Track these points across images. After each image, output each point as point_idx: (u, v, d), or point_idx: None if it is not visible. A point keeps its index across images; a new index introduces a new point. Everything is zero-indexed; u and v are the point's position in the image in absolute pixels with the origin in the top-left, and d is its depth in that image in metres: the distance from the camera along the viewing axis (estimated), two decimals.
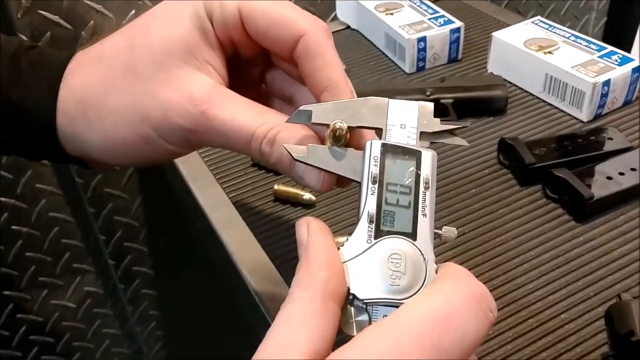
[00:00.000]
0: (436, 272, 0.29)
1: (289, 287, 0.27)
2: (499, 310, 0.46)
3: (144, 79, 0.37)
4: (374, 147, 0.31)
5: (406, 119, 0.32)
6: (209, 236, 0.58)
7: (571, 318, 0.45)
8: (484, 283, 0.47)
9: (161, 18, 0.38)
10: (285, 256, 0.51)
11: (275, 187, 0.57)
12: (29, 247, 0.88)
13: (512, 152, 0.57)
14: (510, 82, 0.70)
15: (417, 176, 0.31)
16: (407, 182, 0.31)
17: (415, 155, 0.31)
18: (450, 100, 0.65)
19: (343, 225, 0.54)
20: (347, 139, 0.33)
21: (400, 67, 0.75)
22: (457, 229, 0.52)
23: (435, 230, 0.31)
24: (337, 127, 0.32)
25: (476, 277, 0.48)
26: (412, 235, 0.29)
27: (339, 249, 0.30)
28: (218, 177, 0.61)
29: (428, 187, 0.30)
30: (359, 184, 0.31)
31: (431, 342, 0.24)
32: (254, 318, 0.51)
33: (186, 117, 0.36)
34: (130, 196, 0.90)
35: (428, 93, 0.65)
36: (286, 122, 0.34)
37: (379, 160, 0.31)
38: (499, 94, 0.65)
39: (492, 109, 0.66)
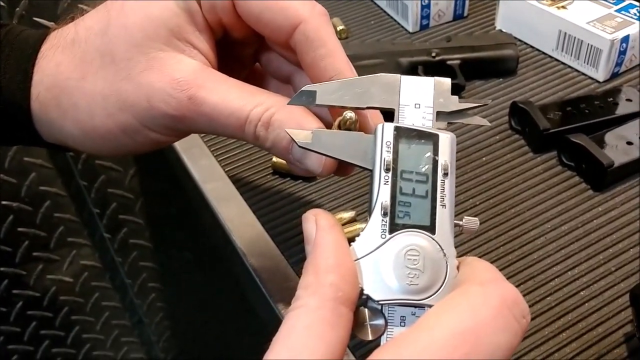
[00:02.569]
0: (457, 268, 0.26)
1: (287, 261, 0.25)
2: (517, 287, 0.43)
3: (121, 64, 0.34)
4: (386, 131, 0.28)
5: (421, 97, 0.29)
6: (205, 210, 0.55)
7: (592, 295, 0.42)
8: (498, 259, 0.45)
9: (146, 5, 0.34)
10: (286, 234, 0.49)
11: (274, 159, 0.54)
12: (21, 222, 0.85)
13: (525, 116, 0.54)
14: (520, 40, 0.66)
15: (435, 162, 0.28)
16: (423, 170, 0.28)
17: (432, 139, 0.28)
18: (457, 62, 0.61)
19: (346, 200, 0.51)
20: (357, 128, 0.30)
21: (402, 26, 0.70)
22: (468, 200, 0.49)
23: (455, 221, 0.28)
24: (347, 117, 0.30)
25: (489, 252, 0.46)
26: (431, 228, 0.27)
27: (350, 243, 0.27)
28: (213, 150, 0.57)
29: (447, 174, 0.28)
30: (370, 171, 0.28)
31: (461, 356, 0.22)
32: (252, 291, 0.49)
33: (171, 102, 0.33)
34: (123, 167, 0.86)
35: (433, 54, 0.61)
36: (288, 104, 0.32)
37: (392, 146, 0.28)
38: (509, 54, 0.61)
39: (502, 70, 0.62)
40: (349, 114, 0.30)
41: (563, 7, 0.62)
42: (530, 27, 0.65)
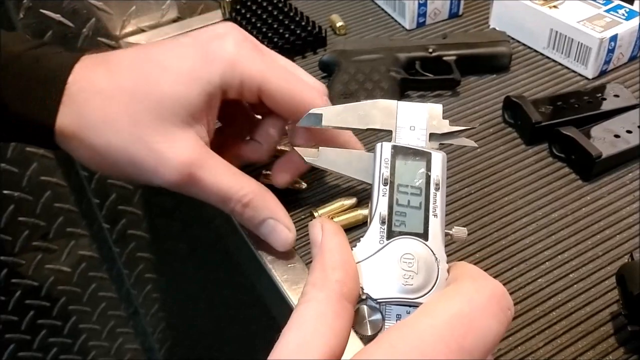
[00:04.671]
0: (448, 271, 0.29)
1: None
2: (508, 270, 0.46)
3: (142, 128, 0.40)
4: (384, 149, 0.32)
5: (415, 120, 0.33)
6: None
7: (580, 277, 0.45)
8: (493, 243, 0.47)
9: (174, 75, 0.41)
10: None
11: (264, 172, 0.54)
12: (22, 211, 0.87)
13: (518, 110, 0.56)
14: (512, 38, 0.68)
15: (428, 177, 0.31)
16: (417, 184, 0.31)
17: (425, 156, 0.31)
18: (453, 57, 0.63)
19: (348, 187, 0.53)
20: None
21: (399, 23, 0.73)
22: (463, 189, 0.52)
23: (446, 231, 0.31)
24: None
25: (484, 237, 0.48)
26: (424, 235, 0.30)
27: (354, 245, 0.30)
28: None
29: (438, 188, 0.31)
30: (370, 185, 0.32)
31: (456, 342, 0.25)
32: (255, 272, 0.50)
33: (174, 175, 0.40)
34: None
35: (430, 50, 0.64)
36: (298, 125, 0.38)
37: (389, 162, 0.31)
38: (503, 51, 0.64)
39: (496, 66, 0.64)
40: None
41: (554, 6, 0.65)
42: (523, 26, 0.67)
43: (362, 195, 0.51)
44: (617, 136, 0.53)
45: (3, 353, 0.99)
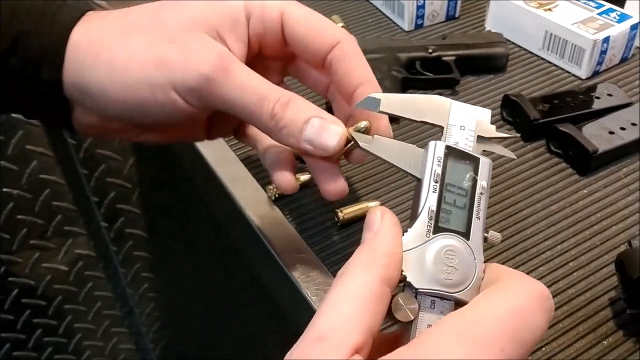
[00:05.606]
0: (483, 271, 0.31)
1: (300, 235, 0.28)
2: (510, 260, 0.47)
3: (167, 33, 0.37)
4: (438, 147, 0.33)
5: (465, 121, 0.34)
6: (214, 193, 0.58)
7: (579, 265, 0.47)
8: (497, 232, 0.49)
9: (196, 4, 0.39)
10: (297, 211, 0.52)
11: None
12: (20, 209, 0.87)
13: (517, 108, 0.58)
14: (508, 40, 0.70)
15: (475, 181, 0.32)
16: (465, 186, 0.32)
17: (474, 161, 0.33)
18: (453, 58, 0.65)
19: (366, 191, 0.54)
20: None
21: (398, 25, 0.75)
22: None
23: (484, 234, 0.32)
24: (362, 126, 0.36)
25: (489, 226, 0.50)
26: (466, 235, 0.31)
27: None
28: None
29: (483, 193, 0.32)
30: (417, 179, 0.33)
31: (514, 332, 0.27)
32: (264, 264, 0.51)
33: (207, 65, 0.36)
34: (123, 157, 0.89)
35: (430, 50, 0.66)
36: (354, 106, 0.37)
37: (442, 161, 0.32)
38: (501, 51, 0.66)
39: (493, 67, 0.66)
40: (364, 123, 0.36)
41: (549, 9, 0.67)
42: (518, 28, 0.69)
43: (385, 198, 0.53)
44: (611, 133, 0.55)
45: None
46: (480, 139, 0.34)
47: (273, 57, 0.42)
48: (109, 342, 1.12)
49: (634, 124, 0.56)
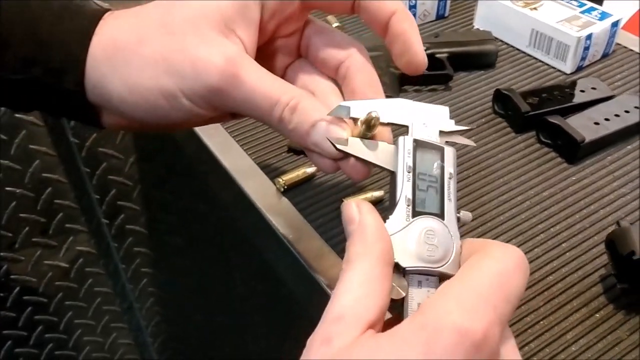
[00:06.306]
0: (460, 247, 0.34)
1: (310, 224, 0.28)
2: (507, 242, 0.51)
3: (177, 36, 0.38)
4: (407, 141, 0.36)
5: (427, 118, 0.38)
6: (224, 184, 0.60)
7: (571, 246, 0.51)
8: (492, 219, 0.53)
9: None
10: (305, 201, 0.55)
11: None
12: (23, 208, 0.89)
13: (508, 101, 0.62)
14: (496, 38, 0.74)
15: (442, 168, 0.36)
16: (434, 173, 0.36)
17: (440, 150, 0.37)
18: (446, 55, 0.69)
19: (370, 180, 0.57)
20: (377, 128, 0.37)
21: None
22: (461, 173, 0.57)
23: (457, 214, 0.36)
24: (373, 115, 0.37)
25: (484, 214, 0.53)
26: (441, 215, 0.35)
27: (385, 221, 0.34)
28: (230, 131, 0.63)
29: (451, 178, 0.36)
30: (391, 172, 0.36)
31: (501, 292, 0.30)
32: (275, 252, 0.54)
33: (215, 74, 0.37)
34: (124, 155, 0.91)
35: (424, 48, 0.69)
36: (328, 114, 0.38)
37: (412, 153, 0.36)
38: (491, 48, 0.70)
39: (484, 63, 0.70)
40: (375, 113, 0.37)
41: (534, 8, 0.71)
42: (506, 26, 0.73)
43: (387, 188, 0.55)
44: (596, 123, 0.59)
45: (0, 350, 1.00)
46: (442, 133, 0.38)
47: (288, 35, 0.43)
48: (108, 338, 1.14)
49: (617, 115, 0.60)
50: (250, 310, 1.05)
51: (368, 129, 0.37)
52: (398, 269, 0.33)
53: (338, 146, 0.37)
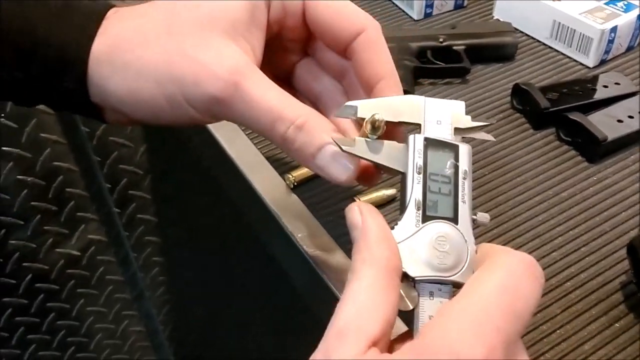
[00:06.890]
0: (475, 252, 0.32)
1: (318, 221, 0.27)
2: (524, 245, 0.49)
3: (180, 38, 0.37)
4: (417, 140, 0.34)
5: (441, 115, 0.36)
6: (232, 179, 0.59)
7: (591, 251, 0.49)
8: (508, 220, 0.51)
9: None
10: (314, 198, 0.54)
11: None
12: (34, 196, 0.88)
13: (527, 97, 0.60)
14: (516, 29, 0.72)
15: (456, 167, 0.34)
16: (447, 173, 0.34)
17: (453, 148, 0.34)
18: (463, 47, 0.67)
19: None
20: (383, 130, 0.35)
21: (407, 14, 0.76)
22: (477, 171, 0.55)
23: (472, 216, 0.34)
24: (377, 118, 0.35)
25: (499, 215, 0.52)
26: (454, 219, 0.33)
27: (392, 228, 0.32)
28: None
29: (466, 178, 0.34)
30: (402, 174, 0.34)
31: (504, 309, 0.28)
32: (281, 245, 0.53)
33: (217, 84, 0.35)
34: (134, 144, 0.90)
35: (441, 40, 0.67)
36: (335, 116, 0.37)
37: (422, 153, 0.34)
38: (510, 40, 0.67)
39: (502, 55, 0.68)
40: (379, 116, 0.35)
41: None
42: (526, 17, 0.71)
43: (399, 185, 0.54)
44: (619, 121, 0.57)
45: (13, 336, 1.01)
46: (458, 130, 0.36)
47: (292, 39, 0.42)
48: (119, 325, 1.14)
49: None
50: (261, 301, 1.04)
51: (373, 131, 0.35)
52: (408, 278, 0.32)
53: (344, 148, 0.35)
